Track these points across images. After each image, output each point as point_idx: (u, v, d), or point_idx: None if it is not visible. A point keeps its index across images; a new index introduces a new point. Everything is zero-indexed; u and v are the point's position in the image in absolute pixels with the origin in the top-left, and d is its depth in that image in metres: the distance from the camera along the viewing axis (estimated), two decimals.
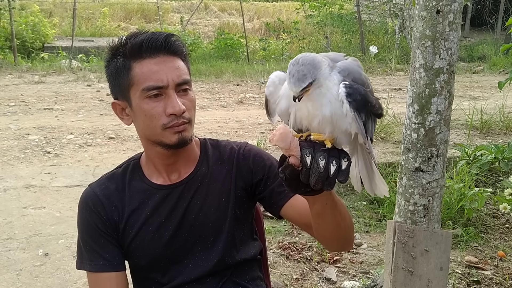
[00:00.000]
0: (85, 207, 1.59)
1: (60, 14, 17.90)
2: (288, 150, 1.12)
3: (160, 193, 1.59)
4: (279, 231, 3.92)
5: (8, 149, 5.67)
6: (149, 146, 1.57)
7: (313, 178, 1.10)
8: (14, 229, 3.92)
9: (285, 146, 1.12)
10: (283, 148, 1.12)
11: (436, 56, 2.29)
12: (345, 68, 1.13)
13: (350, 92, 1.09)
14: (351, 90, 1.09)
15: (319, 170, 1.09)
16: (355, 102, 1.09)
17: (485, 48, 13.82)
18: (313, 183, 1.10)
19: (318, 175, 1.09)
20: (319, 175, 1.09)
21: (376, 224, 4.07)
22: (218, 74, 10.51)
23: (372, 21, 15.07)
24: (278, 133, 1.12)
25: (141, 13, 20.72)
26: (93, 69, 10.59)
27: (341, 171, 1.12)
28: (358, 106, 1.09)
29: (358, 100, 1.09)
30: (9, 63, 10.74)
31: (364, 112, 1.11)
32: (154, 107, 1.46)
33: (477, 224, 4.03)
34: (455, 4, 2.25)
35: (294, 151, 1.12)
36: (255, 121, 7.19)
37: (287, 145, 1.11)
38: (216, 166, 1.64)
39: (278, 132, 1.12)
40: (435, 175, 2.44)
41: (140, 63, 1.45)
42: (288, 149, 1.12)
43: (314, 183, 1.10)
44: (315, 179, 1.10)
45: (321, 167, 1.09)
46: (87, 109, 7.58)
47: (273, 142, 1.12)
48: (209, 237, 1.59)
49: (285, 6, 24.00)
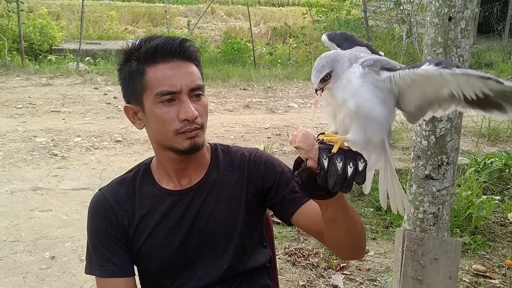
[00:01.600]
0: (95, 211, 1.59)
1: (68, 17, 17.99)
2: (307, 153, 1.11)
3: (171, 199, 1.58)
4: (285, 237, 3.91)
5: (15, 151, 5.68)
6: (161, 151, 1.56)
7: (332, 180, 1.10)
8: (20, 232, 3.92)
9: (307, 148, 1.10)
10: (303, 150, 1.11)
11: None
12: (370, 59, 1.13)
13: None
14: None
15: (337, 173, 1.09)
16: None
17: (492, 55, 13.76)
18: (332, 185, 1.10)
19: (336, 177, 1.09)
20: (337, 178, 1.09)
21: (383, 231, 4.05)
22: (225, 78, 10.52)
23: (379, 27, 15.04)
24: (300, 134, 1.11)
25: (148, 17, 20.80)
26: (100, 72, 10.62)
27: (358, 173, 1.11)
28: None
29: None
30: (17, 65, 10.77)
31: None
32: (167, 112, 1.45)
33: (484, 232, 4.00)
34: (467, 11, 2.24)
35: (313, 154, 1.11)
36: (261, 126, 7.18)
37: (308, 146, 1.10)
38: (226, 172, 1.64)
39: (300, 133, 1.11)
40: (445, 183, 2.42)
41: (154, 68, 1.45)
42: (309, 151, 1.11)
43: (333, 186, 1.10)
44: (333, 181, 1.09)
45: (339, 169, 1.09)
46: (94, 112, 7.60)
47: (295, 144, 1.11)
48: (219, 244, 1.58)
49: (292, 11, 24.04)
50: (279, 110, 8.29)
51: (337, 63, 1.11)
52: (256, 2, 29.06)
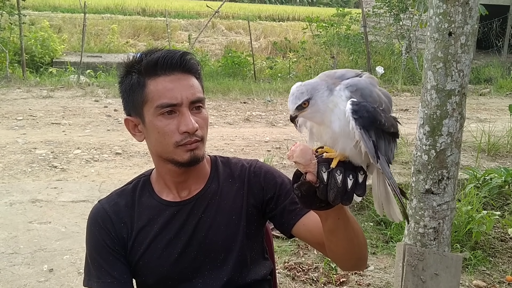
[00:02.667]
0: (94, 223, 1.58)
1: (69, 30, 18.12)
2: (306, 167, 1.11)
3: (170, 210, 1.58)
4: (285, 251, 3.89)
5: (15, 163, 5.68)
6: (161, 163, 1.56)
7: (332, 193, 1.09)
8: (19, 244, 3.90)
9: (305, 162, 1.10)
10: (301, 165, 1.11)
11: (448, 78, 2.28)
12: (353, 84, 1.12)
13: (356, 109, 1.07)
14: (358, 107, 1.07)
15: (337, 185, 1.09)
16: (362, 119, 1.07)
17: (491, 71, 13.84)
18: (332, 198, 1.10)
19: (336, 190, 1.09)
20: (337, 190, 1.09)
21: (383, 245, 4.03)
22: (225, 92, 10.56)
23: (378, 42, 15.16)
24: (298, 149, 1.11)
25: (149, 31, 20.96)
26: (101, 84, 10.66)
27: (358, 185, 1.11)
28: (365, 123, 1.07)
29: (365, 117, 1.07)
30: (18, 77, 10.81)
31: (372, 130, 1.09)
32: (167, 124, 1.46)
33: (485, 248, 3.98)
34: (468, 27, 2.25)
35: (311, 168, 1.11)
36: (261, 139, 7.19)
37: (306, 161, 1.10)
38: (226, 184, 1.63)
39: (298, 148, 1.11)
40: (445, 198, 2.41)
41: (154, 80, 1.46)
42: (307, 166, 1.11)
43: (333, 199, 1.10)
44: (333, 194, 1.09)
45: (339, 182, 1.09)
46: (94, 124, 7.61)
47: (293, 159, 1.11)
48: (219, 256, 1.57)
49: (292, 26, 24.21)
50: (279, 124, 8.30)
51: (317, 92, 1.10)
52: (256, 17, 29.31)
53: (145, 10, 29.91)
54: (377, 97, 1.13)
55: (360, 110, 1.07)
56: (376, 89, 1.15)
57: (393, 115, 1.17)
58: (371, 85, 1.14)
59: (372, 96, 1.12)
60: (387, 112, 1.14)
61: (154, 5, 31.26)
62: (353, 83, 1.13)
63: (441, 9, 2.26)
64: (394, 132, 1.16)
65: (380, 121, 1.10)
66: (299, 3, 56.32)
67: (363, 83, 1.13)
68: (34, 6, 24.62)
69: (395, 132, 1.17)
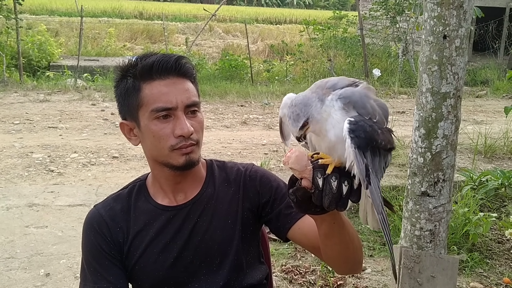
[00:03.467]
0: (89, 228, 1.58)
1: (66, 34, 18.12)
2: (301, 173, 1.11)
3: (166, 214, 1.58)
4: (282, 254, 3.89)
5: (11, 167, 5.67)
6: (156, 167, 1.56)
7: (327, 199, 1.10)
8: (15, 248, 3.89)
9: (300, 169, 1.11)
10: (297, 171, 1.12)
11: (443, 80, 2.29)
12: (346, 96, 1.12)
13: (353, 129, 1.07)
14: (355, 126, 1.08)
15: (332, 192, 1.09)
16: (358, 139, 1.07)
17: (488, 73, 13.86)
18: (327, 204, 1.10)
19: (331, 196, 1.09)
20: (332, 196, 1.09)
21: (380, 248, 4.03)
22: (222, 95, 10.56)
23: (375, 45, 15.17)
24: (294, 155, 1.12)
25: (147, 34, 20.98)
26: (98, 88, 10.65)
27: (353, 191, 1.12)
28: (361, 144, 1.07)
29: (361, 138, 1.07)
30: (15, 81, 10.80)
31: (368, 151, 1.09)
32: (162, 128, 1.46)
33: (482, 250, 3.98)
34: (462, 30, 2.26)
35: (307, 174, 1.11)
36: (258, 142, 7.20)
37: (302, 167, 1.11)
38: (222, 188, 1.63)
39: (294, 155, 1.12)
40: (441, 200, 2.42)
41: (150, 84, 1.46)
42: (303, 172, 1.11)
43: (328, 205, 1.10)
44: (328, 200, 1.10)
45: (334, 188, 1.09)
46: (91, 128, 7.60)
47: (288, 165, 1.12)
48: (215, 260, 1.57)
49: (289, 29, 24.27)
50: (276, 127, 8.28)
51: (310, 108, 1.11)
52: (253, 20, 29.38)
53: (142, 14, 29.95)
54: (370, 109, 1.13)
55: (357, 129, 1.08)
56: (371, 101, 1.14)
57: (388, 127, 1.17)
58: (365, 96, 1.14)
59: (365, 108, 1.12)
60: (381, 124, 1.13)
61: (151, 9, 31.32)
62: (346, 94, 1.13)
63: (436, 12, 2.27)
64: (390, 147, 1.16)
65: (377, 141, 1.10)
66: (296, 6, 56.45)
67: (357, 95, 1.13)
68: (31, 10, 24.64)
69: (390, 148, 1.16)
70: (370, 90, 1.17)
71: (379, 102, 1.16)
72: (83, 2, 20.78)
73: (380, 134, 1.11)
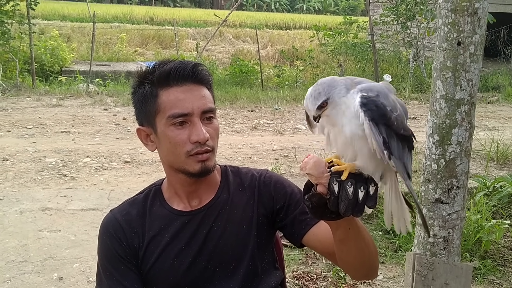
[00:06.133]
0: (105, 232, 1.59)
1: (78, 39, 18.28)
2: (318, 179, 1.12)
3: (181, 219, 1.59)
4: (293, 260, 3.88)
5: (25, 171, 5.72)
6: (172, 173, 1.58)
7: (343, 205, 1.10)
8: (29, 252, 3.93)
9: (318, 175, 1.11)
10: (313, 177, 1.12)
11: (457, 87, 2.29)
12: (368, 88, 1.12)
13: (365, 102, 1.08)
14: (367, 100, 1.09)
15: (348, 197, 1.09)
16: (371, 112, 1.08)
17: (499, 79, 13.78)
18: (343, 210, 1.10)
19: (347, 202, 1.09)
20: (348, 202, 1.09)
21: (392, 255, 4.01)
22: (233, 100, 10.59)
23: (386, 50, 15.14)
24: (312, 161, 1.12)
25: (157, 39, 21.11)
26: (110, 93, 10.73)
27: (370, 196, 1.12)
28: (374, 116, 1.08)
29: (374, 110, 1.08)
30: (28, 86, 10.91)
31: (382, 126, 1.09)
32: (178, 134, 1.47)
33: (494, 257, 3.95)
34: (476, 36, 2.26)
35: (323, 180, 1.11)
36: (269, 147, 7.20)
37: (319, 174, 1.11)
38: (237, 193, 1.64)
39: (312, 160, 1.12)
40: (455, 207, 2.41)
41: (167, 91, 1.48)
42: (319, 178, 1.11)
43: (344, 211, 1.10)
44: (344, 206, 1.10)
45: (350, 194, 1.09)
46: (103, 132, 7.66)
47: (306, 170, 1.12)
48: (230, 265, 1.58)
49: (299, 34, 24.28)
50: (287, 132, 8.31)
51: (334, 89, 1.11)
52: (263, 25, 29.45)
53: (153, 19, 30.18)
54: (392, 102, 1.13)
55: (369, 103, 1.09)
56: (391, 95, 1.15)
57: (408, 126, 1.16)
58: (386, 89, 1.15)
59: (387, 100, 1.12)
60: (401, 119, 1.13)
61: (162, 14, 31.54)
62: (368, 87, 1.13)
63: (450, 18, 2.27)
64: (406, 136, 1.15)
65: (390, 118, 1.10)
66: (306, 12, 56.51)
67: (379, 87, 1.14)
68: (44, 15, 24.90)
69: (407, 137, 1.15)
70: (390, 87, 1.18)
71: (399, 100, 1.17)
72: (95, 8, 21.01)
73: (393, 115, 1.11)
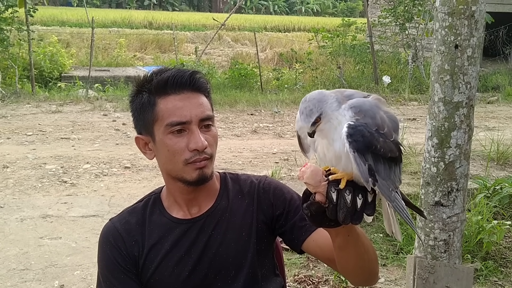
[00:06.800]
0: (105, 242, 1.59)
1: (77, 45, 18.31)
2: (316, 188, 1.12)
3: (180, 228, 1.59)
4: (294, 263, 3.88)
5: (25, 178, 5.72)
6: (170, 181, 1.58)
7: (342, 213, 1.10)
8: (30, 260, 3.92)
9: (315, 184, 1.11)
10: (311, 186, 1.12)
11: (455, 90, 2.29)
12: (357, 105, 1.12)
13: (351, 133, 1.08)
14: (353, 130, 1.08)
15: (347, 205, 1.09)
16: (356, 143, 1.08)
17: (499, 78, 13.79)
18: (342, 218, 1.10)
19: (346, 210, 1.09)
20: (347, 210, 1.09)
21: (393, 257, 4.01)
22: (232, 104, 10.60)
23: (384, 51, 15.17)
24: (309, 171, 1.12)
25: (156, 43, 21.16)
26: (109, 98, 10.74)
27: (368, 204, 1.12)
28: (359, 147, 1.08)
29: (359, 142, 1.08)
30: (27, 92, 10.92)
31: (368, 154, 1.09)
32: (177, 142, 1.47)
33: (496, 258, 3.95)
34: (474, 39, 2.26)
35: (321, 189, 1.12)
36: (269, 151, 7.20)
37: (316, 183, 1.11)
38: (236, 200, 1.64)
39: (309, 170, 1.12)
40: (455, 210, 2.41)
41: (165, 99, 1.48)
42: (317, 187, 1.12)
43: (343, 219, 1.10)
44: (343, 214, 1.10)
45: (348, 202, 1.09)
46: (103, 138, 7.66)
47: (303, 180, 1.12)
48: (230, 273, 1.58)
49: (298, 36, 24.33)
50: (287, 135, 8.32)
51: (325, 104, 1.11)
52: (262, 28, 29.50)
53: (152, 23, 30.24)
54: (379, 120, 1.13)
55: (355, 134, 1.08)
56: (381, 112, 1.14)
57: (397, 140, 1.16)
58: (376, 107, 1.15)
59: (374, 119, 1.12)
60: (388, 136, 1.13)
61: (161, 18, 31.61)
62: (358, 104, 1.13)
63: (447, 22, 2.27)
64: (391, 156, 1.14)
65: (376, 146, 1.10)
66: (305, 14, 56.59)
67: (368, 105, 1.14)
68: (43, 21, 24.96)
69: (392, 157, 1.15)
70: (381, 102, 1.18)
71: (389, 114, 1.16)
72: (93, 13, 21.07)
73: (381, 142, 1.11)
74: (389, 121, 1.15)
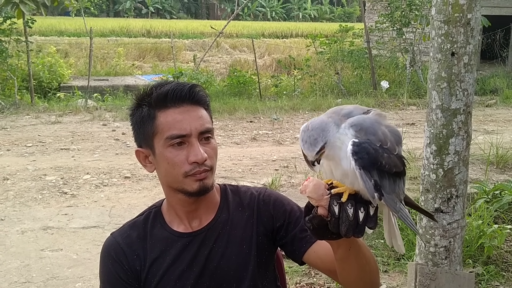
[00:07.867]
0: (107, 256, 1.59)
1: (76, 54, 18.36)
2: (318, 201, 1.13)
3: (182, 241, 1.59)
4: (296, 271, 3.88)
5: (25, 190, 5.73)
6: (171, 194, 1.58)
7: (344, 227, 1.11)
8: (31, 272, 3.92)
9: (318, 197, 1.12)
10: (313, 199, 1.13)
11: (453, 97, 2.30)
12: (358, 123, 1.14)
13: (356, 151, 1.10)
14: (358, 148, 1.10)
15: (349, 219, 1.10)
16: (361, 160, 1.09)
17: (497, 81, 13.82)
18: (344, 232, 1.11)
19: (348, 223, 1.10)
20: (349, 224, 1.10)
21: (395, 263, 4.00)
22: (231, 111, 10.61)
23: (382, 56, 15.20)
24: (312, 184, 1.13)
25: (155, 52, 21.22)
26: (108, 108, 10.75)
27: (370, 217, 1.13)
28: (365, 164, 1.09)
29: (365, 159, 1.09)
30: (26, 103, 10.93)
31: (374, 170, 1.11)
32: (177, 155, 1.48)
33: (497, 262, 3.95)
34: (470, 46, 2.28)
35: (323, 203, 1.13)
36: (269, 158, 7.21)
37: (319, 196, 1.12)
38: (236, 213, 1.64)
39: (311, 183, 1.13)
40: (455, 216, 2.42)
41: (164, 112, 1.49)
42: (319, 200, 1.13)
43: (345, 232, 1.11)
44: (345, 228, 1.11)
45: (350, 215, 1.10)
46: (103, 148, 7.67)
47: (306, 194, 1.13)
48: (231, 286, 1.58)
49: (296, 43, 24.41)
50: (286, 142, 8.33)
51: (328, 133, 1.13)
52: (260, 35, 29.59)
53: (150, 32, 30.33)
54: (381, 135, 1.14)
55: (361, 151, 1.10)
56: (382, 127, 1.15)
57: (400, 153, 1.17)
58: (376, 123, 1.16)
59: (376, 135, 1.13)
60: (391, 150, 1.14)
61: (159, 26, 31.70)
62: (358, 122, 1.14)
63: (443, 30, 2.29)
64: (396, 171, 1.16)
65: (381, 163, 1.12)
66: (302, 19, 56.77)
67: (368, 122, 1.15)
68: (41, 31, 25.02)
69: (397, 172, 1.16)
70: (382, 117, 1.19)
71: (391, 128, 1.17)
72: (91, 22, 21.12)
73: (385, 157, 1.12)
74: (391, 135, 1.16)
